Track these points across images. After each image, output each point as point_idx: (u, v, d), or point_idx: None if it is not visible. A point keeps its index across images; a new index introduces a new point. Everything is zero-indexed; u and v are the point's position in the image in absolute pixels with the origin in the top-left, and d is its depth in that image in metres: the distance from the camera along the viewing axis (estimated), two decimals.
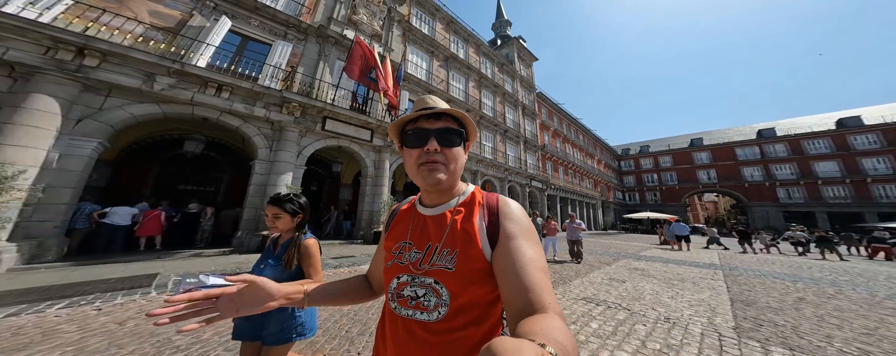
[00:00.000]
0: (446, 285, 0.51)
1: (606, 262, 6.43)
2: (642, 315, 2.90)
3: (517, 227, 0.52)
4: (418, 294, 0.53)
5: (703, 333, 2.46)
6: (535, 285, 0.42)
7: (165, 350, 1.87)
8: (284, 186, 6.61)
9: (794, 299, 3.70)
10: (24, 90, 3.96)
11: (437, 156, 0.54)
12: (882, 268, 6.83)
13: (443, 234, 0.55)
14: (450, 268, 0.51)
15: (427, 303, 0.52)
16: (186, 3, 6.33)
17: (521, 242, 0.49)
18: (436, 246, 0.55)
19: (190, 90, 5.55)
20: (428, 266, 0.54)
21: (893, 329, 2.69)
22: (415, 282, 0.54)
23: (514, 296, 0.42)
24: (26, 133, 3.77)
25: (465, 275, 0.50)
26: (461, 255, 0.51)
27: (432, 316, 0.51)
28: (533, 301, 0.40)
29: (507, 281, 0.44)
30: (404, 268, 0.56)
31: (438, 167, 0.54)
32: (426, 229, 0.58)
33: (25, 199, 3.52)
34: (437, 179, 0.54)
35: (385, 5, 12.35)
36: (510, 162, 17.96)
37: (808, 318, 2.97)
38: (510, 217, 0.54)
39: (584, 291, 3.78)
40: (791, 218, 26.73)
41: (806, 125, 30.13)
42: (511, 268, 0.45)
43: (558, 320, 0.36)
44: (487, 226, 0.53)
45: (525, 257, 0.46)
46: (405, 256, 0.57)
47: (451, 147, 0.56)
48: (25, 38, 3.98)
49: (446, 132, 0.56)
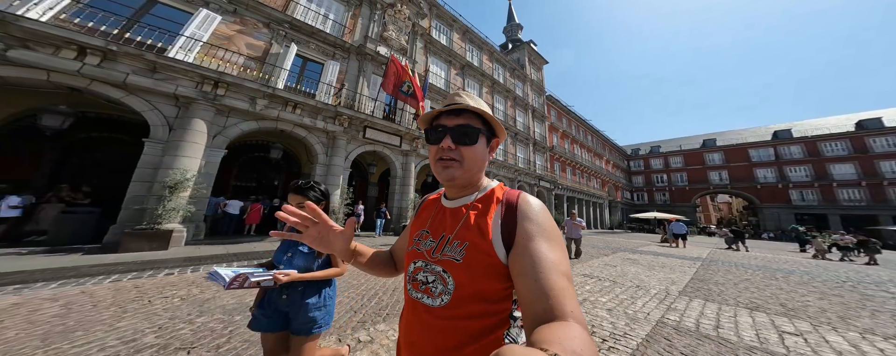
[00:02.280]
0: (453, 275, 0.52)
1: (605, 254, 7.63)
2: (621, 284, 4.16)
3: (536, 228, 0.50)
4: (428, 280, 0.55)
5: (657, 293, 3.71)
6: (556, 291, 0.40)
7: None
8: (339, 188, 8.12)
9: (741, 280, 4.87)
10: (186, 116, 5.55)
11: (451, 153, 0.56)
12: None
13: (456, 226, 0.57)
14: (458, 259, 0.52)
15: (434, 290, 0.54)
16: (267, 34, 7.85)
17: (541, 244, 0.47)
18: (448, 236, 0.57)
19: (276, 109, 7.08)
20: (439, 255, 0.55)
21: (793, 297, 3.85)
22: (427, 269, 0.56)
23: (532, 301, 0.40)
24: (190, 147, 5.36)
25: (472, 267, 0.51)
26: (470, 248, 0.52)
27: (436, 301, 0.53)
28: (553, 307, 0.38)
29: (525, 285, 0.43)
30: (420, 255, 0.59)
31: (452, 164, 0.56)
32: (444, 220, 0.61)
33: (190, 194, 5.09)
34: (449, 175, 0.57)
35: (409, 21, 13.60)
36: (520, 163, 19.04)
37: (737, 288, 4.15)
38: (529, 216, 0.52)
39: (583, 271, 5.06)
40: (803, 220, 26.68)
41: (824, 126, 29.62)
42: (530, 271, 0.43)
43: (578, 329, 0.34)
44: (503, 224, 0.53)
45: (546, 261, 0.44)
46: (423, 244, 0.61)
47: (467, 145, 0.56)
48: (186, 76, 5.56)
49: (462, 130, 0.56)
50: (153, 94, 5.28)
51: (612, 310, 2.94)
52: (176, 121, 5.46)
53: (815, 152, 27.48)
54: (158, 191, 4.74)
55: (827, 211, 25.83)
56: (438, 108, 0.58)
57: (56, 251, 4.00)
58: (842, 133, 26.59)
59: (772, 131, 31.99)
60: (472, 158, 0.57)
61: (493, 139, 0.62)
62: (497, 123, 0.60)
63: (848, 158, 25.77)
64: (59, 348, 1.75)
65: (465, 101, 0.58)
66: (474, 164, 0.58)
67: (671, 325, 2.57)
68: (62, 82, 4.37)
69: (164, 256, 4.16)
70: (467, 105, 0.56)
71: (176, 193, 4.75)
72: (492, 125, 0.59)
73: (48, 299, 2.59)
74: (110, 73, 4.73)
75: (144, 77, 5.10)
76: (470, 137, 0.56)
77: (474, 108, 0.56)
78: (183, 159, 5.21)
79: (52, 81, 4.29)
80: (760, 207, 29.08)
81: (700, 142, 36.26)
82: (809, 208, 26.70)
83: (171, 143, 5.26)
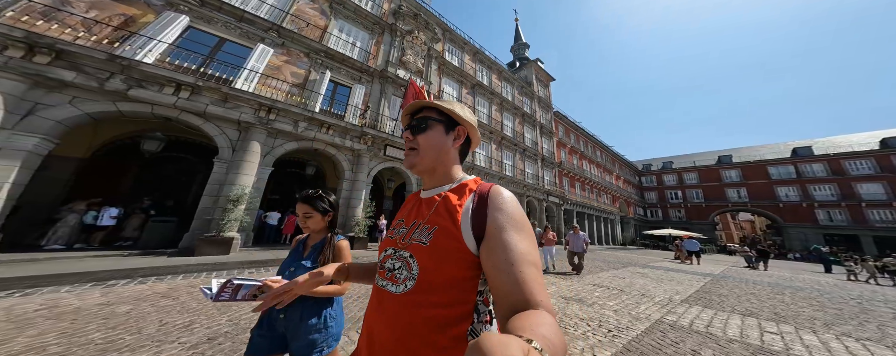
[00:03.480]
0: (418, 259, 0.53)
1: (615, 268, 7.89)
2: (628, 293, 4.56)
3: (507, 219, 0.50)
4: (395, 266, 0.55)
5: (660, 300, 4.10)
6: (526, 281, 0.41)
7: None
8: (362, 202, 8.90)
9: (746, 293, 5.12)
10: (245, 138, 6.58)
11: (410, 143, 0.62)
12: None
13: (428, 213, 0.58)
14: (424, 242, 0.53)
15: (398, 276, 0.54)
16: (307, 63, 9.10)
17: (512, 235, 0.48)
18: (419, 222, 0.58)
19: (313, 130, 8.10)
20: (408, 240, 0.56)
21: (790, 308, 4.13)
22: (395, 256, 0.57)
23: (505, 293, 0.42)
24: (247, 166, 6.32)
25: (439, 251, 0.51)
26: (438, 232, 0.53)
27: (398, 288, 0.52)
28: (525, 298, 0.40)
29: (497, 277, 0.44)
30: (392, 242, 0.60)
31: (411, 153, 0.62)
32: (419, 209, 0.62)
33: (246, 207, 5.95)
34: (409, 163, 0.62)
35: (425, 45, 14.97)
36: (528, 179, 19.49)
37: (739, 300, 4.46)
38: (499, 207, 0.52)
39: (593, 281, 5.46)
40: (833, 241, 25.30)
41: (846, 144, 28.78)
42: (501, 263, 0.44)
43: (548, 317, 0.36)
44: (473, 213, 0.53)
45: (515, 252, 0.45)
46: (395, 232, 0.63)
47: (421, 132, 0.62)
48: (248, 104, 6.66)
49: (417, 122, 0.63)
50: (223, 121, 6.35)
51: (617, 311, 3.40)
52: (238, 143, 6.49)
53: (839, 170, 26.58)
54: (223, 203, 5.63)
55: (858, 232, 24.49)
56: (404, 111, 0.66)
57: (147, 254, 4.84)
58: (866, 151, 25.77)
59: (790, 148, 31.29)
60: (427, 144, 0.61)
61: (456, 126, 0.64)
62: (451, 112, 0.63)
63: (875, 178, 24.76)
64: (174, 321, 2.45)
65: (420, 103, 0.65)
66: (430, 149, 0.61)
67: (667, 324, 3.01)
68: (161, 113, 5.46)
69: (228, 259, 4.92)
70: (413, 102, 0.65)
71: (237, 206, 5.62)
72: (449, 116, 0.64)
73: (162, 291, 3.34)
74: (195, 104, 5.82)
75: (219, 106, 6.19)
76: (422, 126, 0.62)
77: (427, 103, 0.63)
78: (242, 176, 6.14)
79: (154, 113, 5.39)
80: (784, 226, 27.86)
81: (715, 158, 35.66)
82: (839, 229, 25.39)
83: (233, 163, 6.24)
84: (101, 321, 2.24)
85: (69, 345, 1.84)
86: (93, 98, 4.65)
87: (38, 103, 4.17)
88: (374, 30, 12.40)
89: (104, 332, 2.03)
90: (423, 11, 14.97)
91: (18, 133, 3.94)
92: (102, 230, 5.32)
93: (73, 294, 2.87)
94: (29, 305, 2.47)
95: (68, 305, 2.53)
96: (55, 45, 4.16)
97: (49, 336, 1.96)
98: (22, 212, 4.47)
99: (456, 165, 0.65)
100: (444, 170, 0.64)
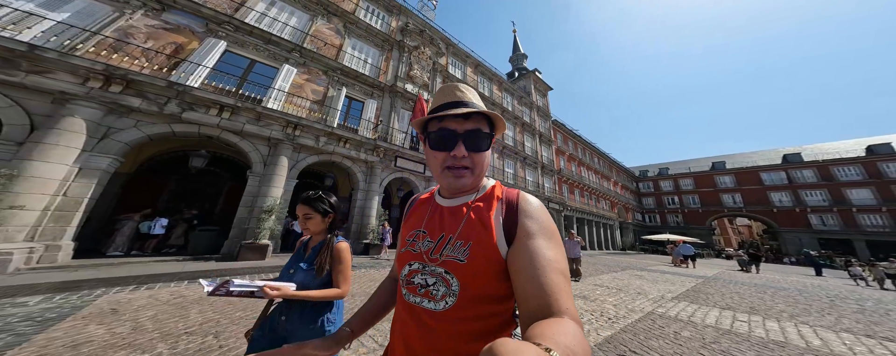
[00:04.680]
0: (457, 276, 0.50)
1: (614, 271, 8.45)
2: (626, 291, 5.13)
3: (536, 225, 0.50)
4: (428, 282, 0.53)
5: (654, 297, 4.68)
6: (553, 288, 0.40)
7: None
8: (375, 210, 9.49)
9: (732, 292, 5.69)
10: (275, 153, 7.21)
11: (464, 160, 0.54)
12: None
13: (458, 226, 0.54)
14: (461, 260, 0.51)
15: (436, 292, 0.52)
16: (325, 81, 9.84)
17: (540, 242, 0.47)
18: (449, 237, 0.54)
19: (332, 144, 8.76)
20: (440, 256, 0.53)
21: (766, 303, 4.70)
22: (425, 271, 0.54)
23: (529, 297, 0.41)
24: (277, 179, 6.93)
25: (477, 268, 0.50)
26: (474, 248, 0.51)
27: (439, 305, 0.51)
28: (549, 304, 0.39)
29: (523, 282, 0.43)
30: (417, 256, 0.56)
31: (464, 173, 0.54)
32: (442, 219, 0.58)
33: (276, 216, 6.53)
34: (461, 185, 0.55)
35: (430, 60, 15.85)
36: (529, 186, 20.13)
37: (723, 297, 5.03)
38: (530, 214, 0.52)
39: (594, 282, 6.03)
40: (828, 245, 25.95)
41: (834, 151, 29.82)
42: (528, 269, 0.44)
43: (572, 325, 0.34)
44: (504, 221, 0.52)
45: (543, 258, 0.44)
46: (419, 244, 0.58)
47: (479, 151, 0.54)
48: (277, 122, 7.33)
49: (475, 135, 0.54)
50: (256, 138, 7.01)
51: (616, 305, 3.98)
52: (268, 158, 7.13)
53: (828, 176, 27.49)
54: (257, 214, 6.23)
55: (851, 236, 25.17)
56: (440, 108, 0.55)
57: (198, 259, 5.41)
58: (852, 157, 26.75)
59: (781, 154, 32.28)
60: (482, 165, 0.56)
61: (492, 138, 0.58)
62: (501, 123, 0.57)
63: (864, 183, 25.65)
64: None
65: (470, 98, 0.57)
66: (484, 171, 0.57)
67: (657, 314, 3.59)
68: (204, 133, 6.12)
69: (264, 264, 5.48)
70: (479, 108, 0.54)
71: (269, 216, 6.21)
72: (496, 126, 0.58)
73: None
74: (234, 123, 6.48)
75: (253, 124, 6.86)
76: (483, 144, 0.54)
77: (486, 112, 0.54)
78: (272, 188, 6.76)
79: (200, 132, 6.04)
80: (780, 231, 28.52)
81: (709, 164, 36.62)
82: (832, 233, 26.07)
83: (265, 176, 6.87)
84: (206, 306, 2.84)
85: (217, 319, 2.50)
86: (153, 121, 5.32)
87: (110, 127, 4.81)
88: (383, 46, 13.25)
89: (212, 314, 2.61)
90: (428, 27, 15.95)
91: (96, 154, 4.57)
92: (155, 238, 5.89)
93: (167, 290, 3.42)
94: (162, 295, 3.11)
95: (181, 296, 3.11)
96: (127, 75, 4.84)
97: (198, 314, 2.60)
98: (90, 223, 5.06)
99: None
100: (480, 184, 0.60)
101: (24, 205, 3.68)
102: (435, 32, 16.43)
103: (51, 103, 4.32)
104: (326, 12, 11.00)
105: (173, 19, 6.37)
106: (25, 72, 4.05)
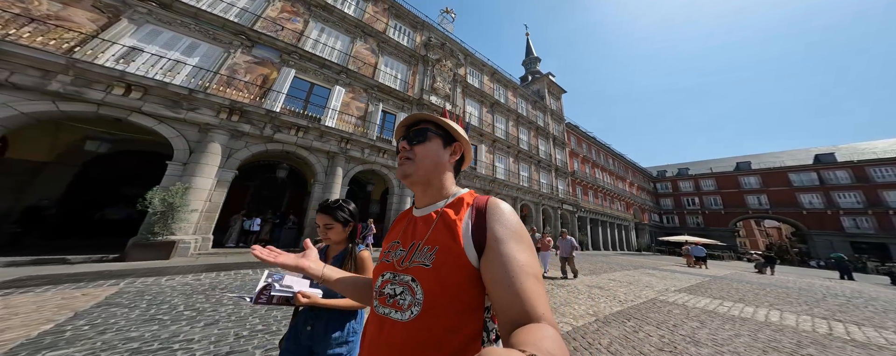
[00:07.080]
0: (422, 283, 0.51)
1: (627, 269, 9.30)
2: (635, 284, 6.09)
3: (506, 230, 0.50)
4: (396, 291, 0.53)
5: (659, 290, 5.63)
6: (529, 295, 0.41)
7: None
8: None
9: (733, 288, 6.49)
10: (332, 165, 8.71)
11: (406, 152, 0.62)
12: None
13: (427, 232, 0.56)
14: (427, 264, 0.52)
15: (402, 302, 0.52)
16: (365, 98, 11.24)
17: (512, 246, 0.48)
18: (418, 243, 0.56)
19: (374, 156, 10.16)
20: (408, 263, 0.54)
21: (757, 296, 5.51)
22: (395, 280, 0.55)
23: (506, 306, 0.42)
24: (335, 187, 8.42)
25: (442, 272, 0.50)
26: (440, 252, 0.52)
27: (404, 315, 0.50)
28: (527, 312, 0.40)
29: (498, 291, 0.43)
30: (390, 266, 0.58)
31: (406, 162, 0.62)
32: (415, 228, 0.60)
33: None
34: (403, 172, 0.61)
35: (451, 71, 16.97)
36: (543, 188, 20.84)
37: (721, 291, 5.86)
38: (498, 219, 0.52)
39: (609, 277, 7.00)
40: (861, 249, 24.93)
41: (870, 151, 28.31)
42: (502, 276, 0.44)
43: (551, 330, 0.36)
44: (474, 226, 0.53)
45: (516, 264, 0.45)
46: (392, 255, 0.59)
47: (419, 143, 0.62)
48: (334, 137, 8.81)
49: (415, 132, 0.63)
50: (319, 152, 8.50)
51: (625, 293, 5.01)
52: (327, 168, 8.62)
53: (864, 178, 26.26)
54: None
55: (887, 240, 24.08)
56: (401, 124, 0.67)
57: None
58: (891, 158, 25.39)
59: (812, 154, 30.93)
60: (423, 155, 0.61)
61: (453, 143, 0.65)
62: (447, 125, 0.64)
63: None
64: None
65: (418, 116, 0.65)
66: (426, 160, 0.61)
67: (659, 301, 4.59)
68: (285, 149, 7.65)
69: None
70: (413, 114, 0.65)
71: None
72: (444, 129, 0.64)
73: None
74: (305, 140, 7.99)
75: (317, 141, 8.34)
76: (420, 137, 0.62)
77: (424, 116, 0.64)
78: (332, 195, 8.23)
79: (284, 149, 7.57)
80: (809, 234, 27.56)
81: (732, 164, 35.54)
82: (866, 236, 25.02)
83: (326, 184, 8.38)
84: None
85: None
86: (255, 142, 6.90)
87: (231, 148, 6.40)
88: (410, 61, 14.52)
89: None
90: (448, 40, 17.11)
91: (225, 169, 6.21)
92: (255, 234, 7.56)
93: None
94: None
95: None
96: (242, 107, 6.39)
97: None
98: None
99: (451, 180, 0.65)
100: (439, 184, 0.63)
101: (196, 209, 5.26)
102: (454, 44, 17.55)
103: (198, 132, 5.95)
104: (363, 34, 12.39)
105: (260, 53, 7.92)
106: (186, 110, 5.66)
